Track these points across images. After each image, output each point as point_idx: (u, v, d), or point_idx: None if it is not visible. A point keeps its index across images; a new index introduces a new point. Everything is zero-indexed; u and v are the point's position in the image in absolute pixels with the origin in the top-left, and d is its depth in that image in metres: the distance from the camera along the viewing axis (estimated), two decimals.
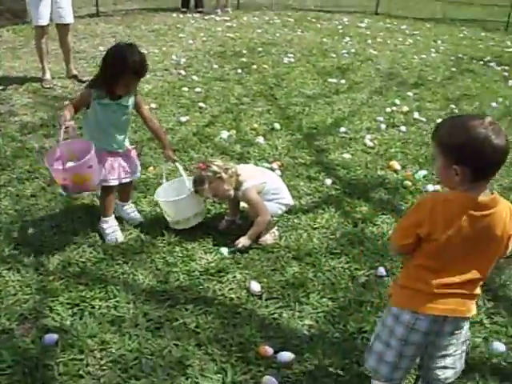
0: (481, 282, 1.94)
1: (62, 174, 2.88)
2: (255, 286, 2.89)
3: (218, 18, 10.53)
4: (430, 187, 4.01)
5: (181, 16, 10.75)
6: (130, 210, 3.56)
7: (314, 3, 12.99)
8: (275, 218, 3.43)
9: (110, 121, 3.16)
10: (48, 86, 6.19)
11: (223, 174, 3.22)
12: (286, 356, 2.44)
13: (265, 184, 3.32)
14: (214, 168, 3.24)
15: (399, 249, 2.02)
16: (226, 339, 2.55)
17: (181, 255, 3.18)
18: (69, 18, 6.21)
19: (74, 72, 6.54)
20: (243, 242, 3.20)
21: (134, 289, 2.88)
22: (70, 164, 2.94)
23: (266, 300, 2.83)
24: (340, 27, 10.06)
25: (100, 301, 2.77)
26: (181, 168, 3.49)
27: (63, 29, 6.27)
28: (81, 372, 2.34)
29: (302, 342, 2.56)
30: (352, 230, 3.48)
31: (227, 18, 10.55)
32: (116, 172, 3.25)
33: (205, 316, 2.70)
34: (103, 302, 2.76)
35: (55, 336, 2.50)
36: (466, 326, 2.03)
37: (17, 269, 2.99)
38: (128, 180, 3.37)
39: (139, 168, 3.52)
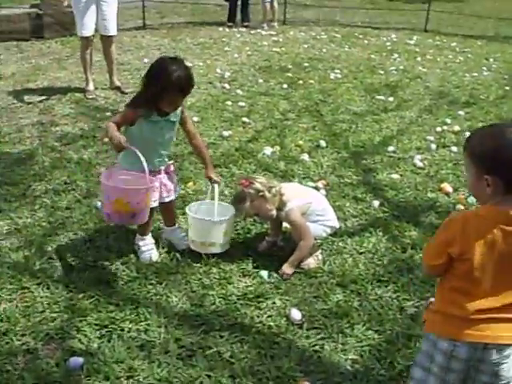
0: None
1: (140, 196, 2.74)
2: (296, 314, 2.68)
3: (264, 33, 10.44)
4: None
5: (227, 30, 10.70)
6: (180, 235, 3.33)
7: (362, 19, 12.78)
8: (319, 241, 3.22)
9: (157, 138, 2.99)
10: (91, 96, 6.16)
11: (266, 193, 3.03)
12: None
13: (310, 204, 3.13)
14: (257, 186, 3.05)
15: (430, 270, 1.91)
16: (263, 372, 2.34)
17: (218, 277, 3.00)
18: (113, 31, 6.18)
19: (117, 83, 6.50)
20: (286, 270, 3.02)
21: (166, 312, 2.71)
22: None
23: (307, 330, 2.62)
24: (388, 44, 9.82)
25: (130, 323, 2.61)
26: (216, 191, 3.21)
27: (107, 40, 6.25)
28: None
29: (344, 379, 2.33)
30: (400, 255, 3.24)
31: (273, 33, 10.45)
32: (157, 192, 3.07)
33: (240, 345, 2.51)
34: (133, 325, 2.60)
35: (81, 359, 2.35)
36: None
37: (46, 284, 2.87)
38: (170, 199, 3.19)
39: (178, 187, 3.38)
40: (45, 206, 3.68)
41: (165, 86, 2.76)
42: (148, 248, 3.16)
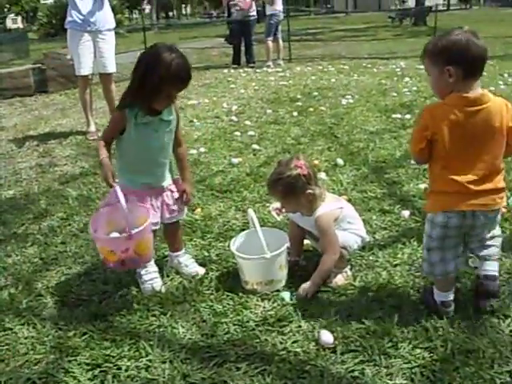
0: (500, 176, 2.18)
1: (125, 243, 2.32)
2: (327, 337, 2.23)
3: (270, 70, 10.26)
4: None
5: (232, 71, 10.54)
6: (188, 260, 2.90)
7: (368, 52, 12.60)
8: (347, 256, 2.78)
9: (153, 142, 2.55)
10: (92, 138, 5.88)
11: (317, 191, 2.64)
12: None
13: (341, 210, 2.72)
14: (311, 172, 2.64)
15: (417, 156, 2.28)
16: None
17: (232, 303, 2.56)
18: (111, 68, 5.96)
19: None
20: (307, 289, 2.57)
21: (171, 345, 2.27)
22: (114, 234, 2.43)
23: (342, 354, 2.16)
24: (398, 70, 9.54)
25: (128, 360, 2.17)
26: (255, 218, 2.71)
27: (106, 78, 6.02)
28: None
29: None
30: None
31: (279, 69, 10.26)
32: (158, 213, 2.67)
33: (262, 377, 2.05)
34: (132, 362, 2.16)
35: None
36: (498, 214, 2.29)
37: (33, 323, 2.45)
38: (174, 220, 2.78)
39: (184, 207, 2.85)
40: (37, 243, 3.32)
41: (164, 76, 2.33)
42: (150, 277, 2.74)
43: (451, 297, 2.37)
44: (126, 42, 17.02)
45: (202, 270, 2.85)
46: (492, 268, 2.41)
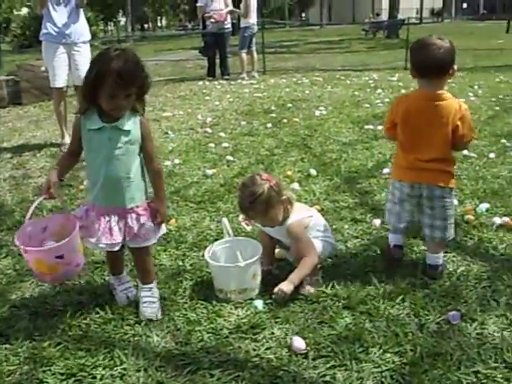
0: (446, 163, 2.69)
1: (24, 254, 2.33)
2: (299, 343, 2.27)
3: (244, 82, 10.34)
4: (497, 219, 3.40)
5: (207, 83, 10.60)
6: (146, 297, 2.61)
7: (341, 64, 12.78)
8: (318, 265, 2.84)
9: (105, 152, 2.33)
10: (66, 149, 5.85)
11: (285, 197, 2.70)
12: None
13: (311, 218, 2.78)
14: (281, 185, 2.72)
15: (387, 134, 2.97)
16: None
17: (205, 311, 2.59)
18: None
19: None
20: (285, 288, 2.58)
21: (146, 353, 2.29)
22: (49, 244, 2.37)
23: (314, 359, 2.21)
24: (371, 81, 9.71)
25: (103, 369, 2.19)
26: (229, 227, 2.84)
27: None
28: None
29: None
30: (412, 271, 2.86)
31: (254, 82, 10.35)
32: (118, 235, 2.43)
33: (236, 383, 2.09)
34: (107, 371, 2.18)
35: None
36: (446, 198, 2.72)
37: (6, 336, 2.45)
38: (136, 245, 2.52)
39: (159, 232, 2.59)
40: (11, 255, 3.30)
41: (100, 70, 2.20)
42: (124, 287, 2.75)
43: (400, 242, 2.99)
44: None
45: (151, 315, 2.54)
46: (434, 257, 2.83)
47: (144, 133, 2.42)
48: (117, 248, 2.48)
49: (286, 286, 2.58)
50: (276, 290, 2.59)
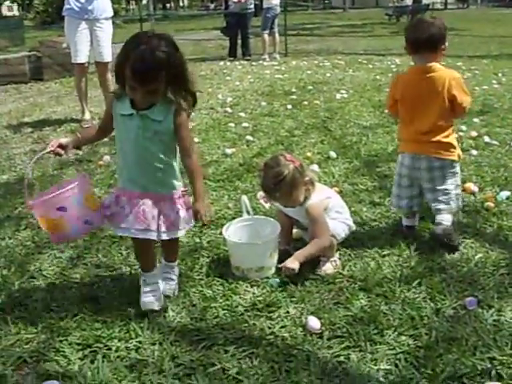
0: (444, 133, 2.82)
1: (35, 215, 2.35)
2: (314, 323, 2.27)
3: (265, 64, 10.28)
4: None
5: (228, 63, 10.55)
6: (167, 273, 2.60)
7: (364, 48, 12.63)
8: (336, 246, 2.82)
9: (133, 139, 2.24)
10: (86, 125, 5.90)
11: (307, 178, 2.69)
12: None
13: (330, 200, 2.77)
14: (304, 166, 2.70)
15: (389, 111, 3.18)
16: None
17: (221, 289, 2.60)
18: (107, 57, 5.95)
19: None
20: (289, 264, 2.57)
21: (161, 327, 2.31)
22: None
23: (329, 339, 2.21)
24: (393, 66, 9.59)
25: (119, 341, 2.21)
26: (248, 204, 2.84)
27: (102, 67, 6.02)
28: None
29: None
30: (430, 256, 2.84)
31: (275, 63, 10.28)
32: (149, 219, 2.27)
33: (249, 360, 2.09)
34: (122, 343, 2.20)
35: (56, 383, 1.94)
36: (445, 169, 2.87)
37: (25, 305, 2.48)
38: (168, 237, 2.35)
39: (188, 223, 2.42)
40: (30, 227, 3.34)
41: (123, 57, 2.12)
42: (148, 290, 2.43)
43: (410, 223, 3.08)
44: (123, 33, 16.97)
45: (169, 292, 2.54)
46: (442, 220, 2.90)
47: (178, 125, 2.24)
48: (151, 236, 2.29)
49: (291, 263, 2.58)
50: (281, 266, 2.60)
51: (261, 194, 3.05)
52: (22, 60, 9.50)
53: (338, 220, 2.77)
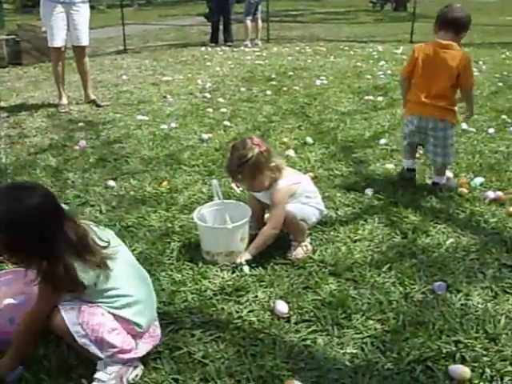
0: (448, 101, 3.34)
1: None
2: (282, 307, 2.27)
3: (247, 50, 10.21)
4: (491, 194, 3.36)
5: (209, 49, 10.47)
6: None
7: (347, 35, 12.60)
8: (308, 231, 2.82)
9: None
10: (64, 110, 5.82)
11: (273, 163, 2.67)
12: None
13: (299, 185, 2.75)
14: (270, 150, 2.67)
15: (404, 75, 3.56)
16: (242, 372, 1.93)
17: (191, 273, 2.59)
18: (85, 41, 5.86)
19: (92, 97, 6.17)
20: (238, 260, 2.62)
21: None
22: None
23: (296, 323, 2.21)
24: (375, 53, 9.55)
25: None
26: (219, 189, 2.81)
27: (80, 51, 5.93)
28: None
29: (343, 376, 1.92)
30: (401, 241, 2.85)
31: (256, 49, 10.22)
32: None
33: (216, 344, 2.09)
34: None
35: (20, 368, 1.92)
36: (447, 130, 3.38)
37: None
38: None
39: None
40: None
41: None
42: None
43: (410, 165, 3.61)
44: (105, 18, 16.78)
45: None
46: (437, 177, 3.53)
47: None
48: None
49: (245, 256, 2.63)
50: (238, 262, 2.62)
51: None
52: (0, 44, 9.32)
53: (309, 204, 2.76)
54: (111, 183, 3.72)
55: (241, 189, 2.97)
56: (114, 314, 1.86)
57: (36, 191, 1.75)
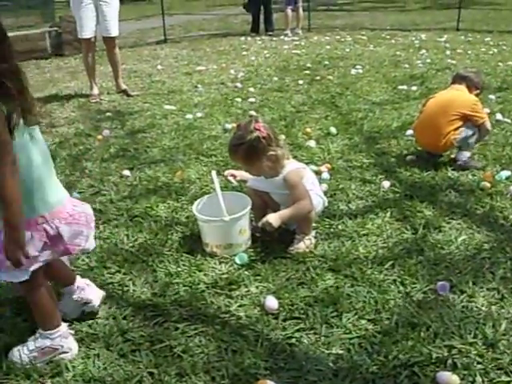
0: None
1: None
2: (272, 303, 2.19)
3: (286, 39, 10.09)
4: None
5: (248, 39, 10.40)
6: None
7: (391, 24, 12.28)
8: (313, 221, 2.73)
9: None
10: (94, 100, 5.88)
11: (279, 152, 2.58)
12: None
13: (305, 170, 2.69)
14: (271, 134, 2.56)
15: None
16: (219, 369, 1.87)
17: (187, 265, 2.54)
18: (114, 32, 5.89)
19: (123, 87, 6.21)
20: (271, 220, 2.47)
21: (120, 302, 2.27)
22: None
23: (284, 320, 2.13)
24: (416, 42, 9.26)
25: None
26: (217, 181, 2.73)
27: (109, 42, 5.97)
28: None
29: (322, 378, 1.83)
30: (410, 237, 2.72)
31: (296, 38, 10.08)
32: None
33: (198, 338, 2.04)
34: (77, 318, 2.16)
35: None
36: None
37: None
38: None
39: None
40: None
41: None
42: None
43: None
44: (152, 8, 16.94)
45: None
46: (458, 154, 3.60)
47: None
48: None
49: (274, 220, 2.48)
50: (264, 220, 2.50)
51: (228, 171, 2.96)
52: (43, 36, 9.51)
53: (312, 192, 2.66)
54: (126, 173, 3.72)
55: (238, 179, 2.89)
56: None
57: None
